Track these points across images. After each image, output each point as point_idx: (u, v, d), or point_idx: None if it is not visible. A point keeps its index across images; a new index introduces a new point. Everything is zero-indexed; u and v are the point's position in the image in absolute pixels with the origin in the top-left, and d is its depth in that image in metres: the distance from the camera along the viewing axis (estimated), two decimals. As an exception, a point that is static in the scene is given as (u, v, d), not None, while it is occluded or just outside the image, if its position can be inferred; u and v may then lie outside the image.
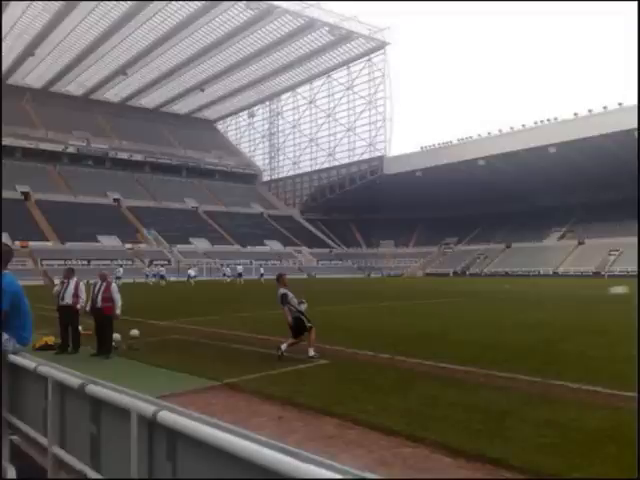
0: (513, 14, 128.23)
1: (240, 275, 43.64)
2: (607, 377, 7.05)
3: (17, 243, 44.41)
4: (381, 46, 70.79)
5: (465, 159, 60.30)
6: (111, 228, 56.26)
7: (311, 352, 8.93)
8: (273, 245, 66.97)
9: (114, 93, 79.52)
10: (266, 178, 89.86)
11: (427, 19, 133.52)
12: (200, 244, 60.80)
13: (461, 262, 66.26)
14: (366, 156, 76.55)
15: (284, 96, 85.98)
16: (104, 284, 10.12)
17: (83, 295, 10.37)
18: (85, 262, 46.89)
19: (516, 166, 59.57)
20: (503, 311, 17.60)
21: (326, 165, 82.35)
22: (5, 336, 3.65)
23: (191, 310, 18.18)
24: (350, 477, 1.46)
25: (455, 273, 63.54)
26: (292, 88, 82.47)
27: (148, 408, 2.20)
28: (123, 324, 11.24)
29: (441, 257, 70.42)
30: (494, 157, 58.68)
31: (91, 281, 12.34)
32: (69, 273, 10.71)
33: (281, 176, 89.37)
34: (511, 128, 59.79)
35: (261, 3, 57.58)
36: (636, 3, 36.20)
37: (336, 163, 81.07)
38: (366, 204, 73.67)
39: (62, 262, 41.86)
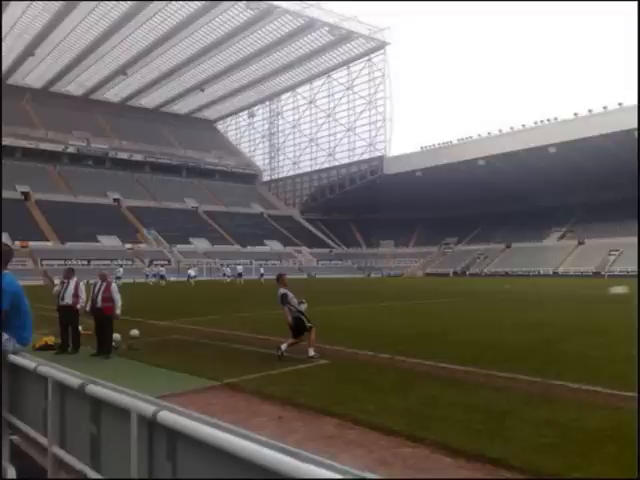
0: (513, 14, 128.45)
1: (240, 275, 43.62)
2: (607, 377, 7.05)
3: (17, 243, 44.39)
4: (381, 46, 70.78)
5: (465, 159, 60.29)
6: (111, 228, 56.26)
7: (311, 352, 8.93)
8: (273, 245, 66.96)
9: (114, 93, 79.51)
10: (266, 178, 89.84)
11: (427, 19, 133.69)
12: (200, 244, 60.79)
13: (461, 262, 66.24)
14: (366, 156, 76.55)
15: (284, 96, 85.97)
16: (104, 284, 10.12)
17: (83, 295, 10.37)
18: (85, 262, 46.88)
19: (516, 166, 59.56)
20: (503, 311, 17.59)
21: (326, 165, 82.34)
22: (5, 336, 3.64)
23: (191, 310, 18.17)
24: (350, 477, 1.46)
25: (455, 273, 63.52)
26: (292, 88, 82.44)
27: (148, 408, 2.20)
28: (123, 324, 11.23)
29: (441, 257, 70.40)
30: (494, 157, 58.67)
31: (91, 281, 12.34)
32: (69, 273, 10.71)
33: (281, 176, 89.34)
34: (511, 128, 59.84)
35: (261, 3, 57.58)
36: (636, 3, 36.19)
37: (336, 163, 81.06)
38: (366, 204, 73.64)
39: (62, 262, 41.84)
